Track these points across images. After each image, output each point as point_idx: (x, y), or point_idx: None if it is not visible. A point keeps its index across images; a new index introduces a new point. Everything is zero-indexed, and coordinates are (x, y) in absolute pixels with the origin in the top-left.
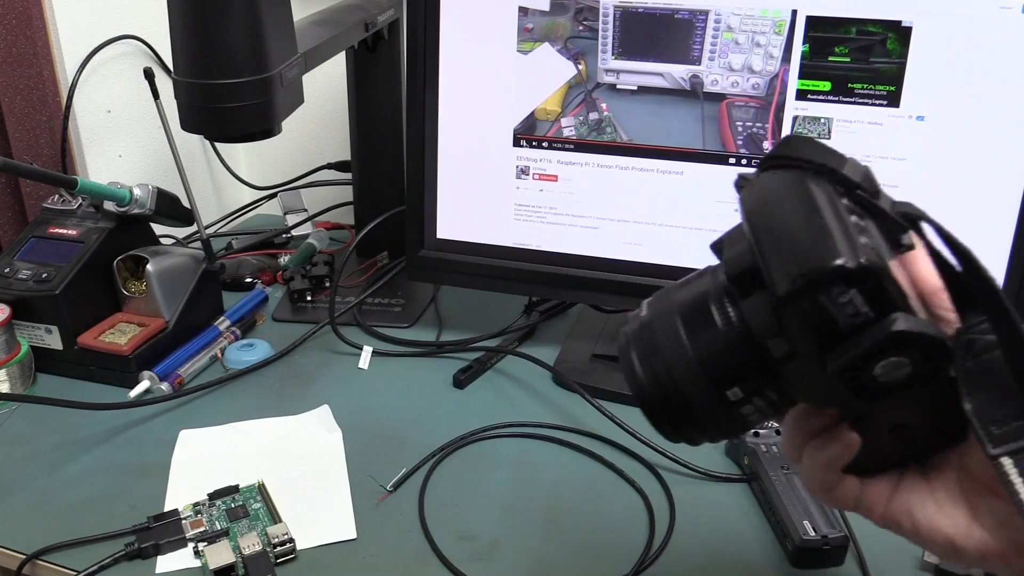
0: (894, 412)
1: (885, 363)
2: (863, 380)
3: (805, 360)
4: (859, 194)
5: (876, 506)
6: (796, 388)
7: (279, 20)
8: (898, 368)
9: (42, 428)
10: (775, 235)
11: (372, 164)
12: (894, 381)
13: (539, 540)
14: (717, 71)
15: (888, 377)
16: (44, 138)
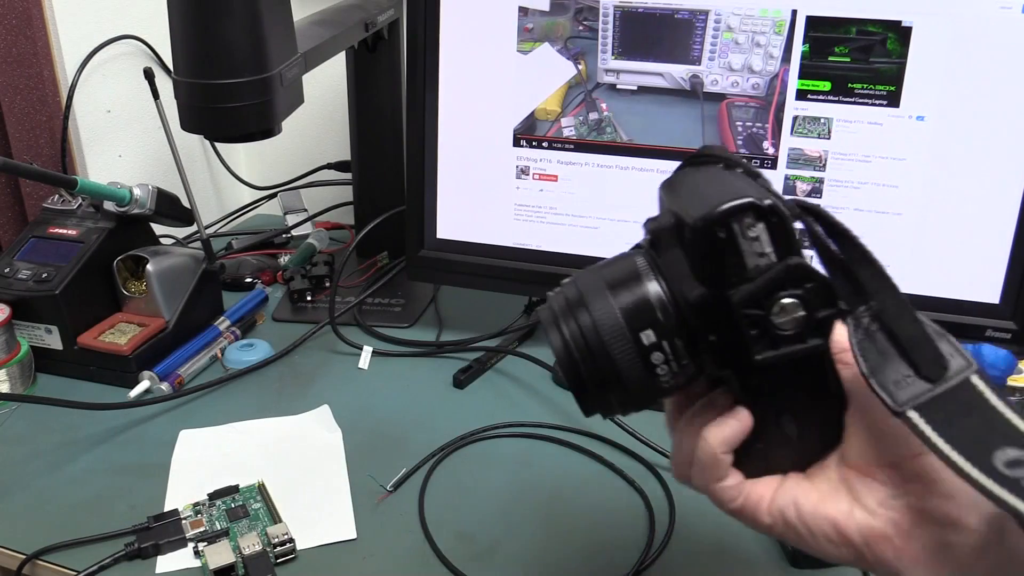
0: (781, 397)
1: (782, 303)
2: (762, 324)
3: (712, 302)
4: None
5: (762, 501)
6: (703, 340)
7: (279, 20)
8: (795, 311)
9: (42, 428)
10: (696, 191)
11: (372, 164)
12: (788, 331)
13: (539, 540)
14: (717, 71)
15: (783, 320)
16: (44, 138)
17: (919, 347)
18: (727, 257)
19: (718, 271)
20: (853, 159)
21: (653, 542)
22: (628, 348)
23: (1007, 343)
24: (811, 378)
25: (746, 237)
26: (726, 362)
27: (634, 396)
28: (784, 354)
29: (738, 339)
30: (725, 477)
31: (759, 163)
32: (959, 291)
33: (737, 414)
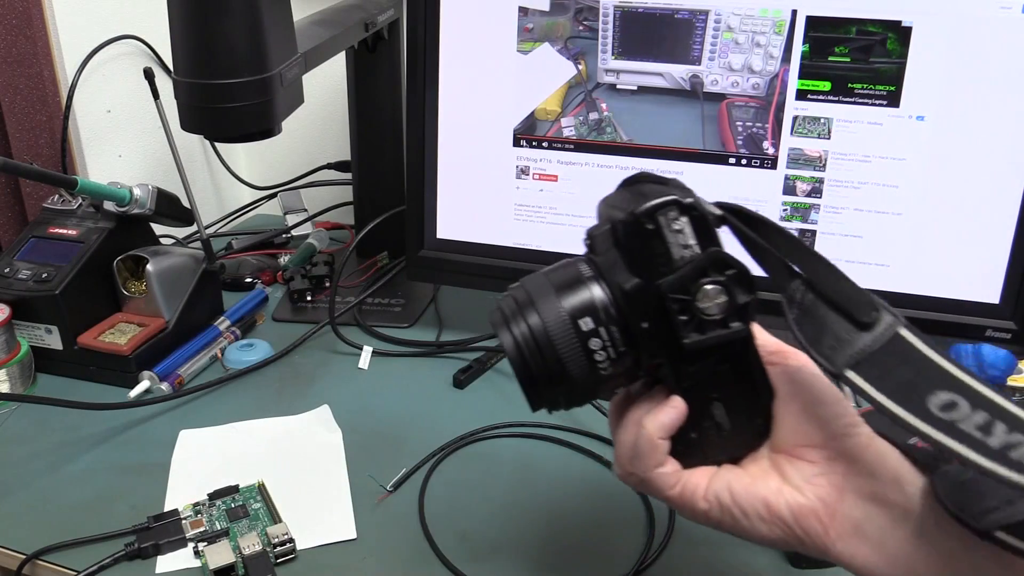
0: (711, 386)
1: (705, 289)
2: (689, 310)
3: (644, 291)
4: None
5: (698, 488)
6: (637, 328)
7: (279, 20)
8: (716, 298)
9: (42, 428)
10: (628, 199)
11: (372, 164)
12: (712, 315)
13: (539, 540)
14: (717, 71)
15: (707, 305)
16: (44, 138)
17: (851, 298)
18: (655, 249)
19: (648, 262)
20: (853, 159)
21: (653, 542)
22: (572, 340)
23: (1007, 343)
24: (738, 369)
25: (671, 230)
26: (659, 349)
27: (578, 387)
28: (710, 338)
29: (668, 325)
30: (663, 463)
31: (759, 163)
32: (959, 291)
33: (672, 402)
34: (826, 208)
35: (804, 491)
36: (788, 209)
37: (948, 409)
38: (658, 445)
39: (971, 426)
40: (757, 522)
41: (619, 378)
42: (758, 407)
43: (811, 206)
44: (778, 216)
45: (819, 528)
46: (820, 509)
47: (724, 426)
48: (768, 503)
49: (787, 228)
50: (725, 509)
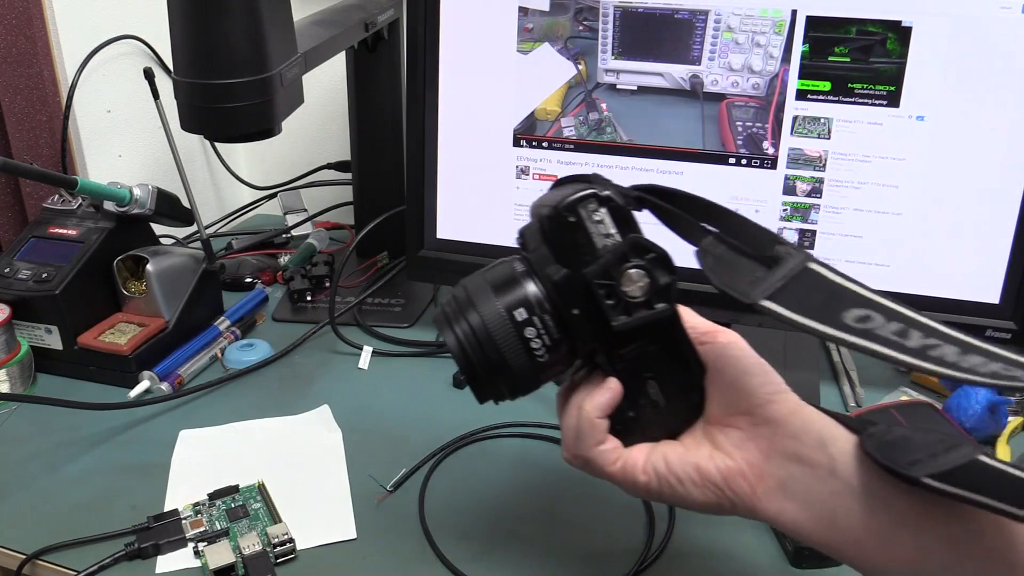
0: (644, 365)
1: (628, 273)
2: (615, 294)
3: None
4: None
5: (638, 462)
6: (569, 316)
7: (279, 20)
8: (638, 280)
9: (42, 428)
10: (552, 195)
11: (372, 164)
12: (636, 297)
13: (539, 540)
14: (717, 71)
15: (631, 288)
16: (44, 138)
17: (756, 240)
18: (578, 239)
19: (574, 253)
20: (853, 159)
21: (653, 542)
22: (509, 332)
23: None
24: (668, 348)
25: (592, 221)
26: (592, 334)
27: (519, 377)
28: (637, 319)
29: (597, 310)
30: (604, 441)
31: (759, 163)
32: (959, 291)
33: (608, 383)
34: (826, 208)
35: (733, 455)
36: (788, 209)
37: (864, 321)
38: (597, 424)
39: (888, 332)
40: (691, 487)
41: (557, 365)
42: (691, 383)
43: (811, 206)
44: (778, 216)
45: (747, 488)
46: (747, 470)
47: (660, 403)
48: (699, 468)
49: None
50: (662, 478)
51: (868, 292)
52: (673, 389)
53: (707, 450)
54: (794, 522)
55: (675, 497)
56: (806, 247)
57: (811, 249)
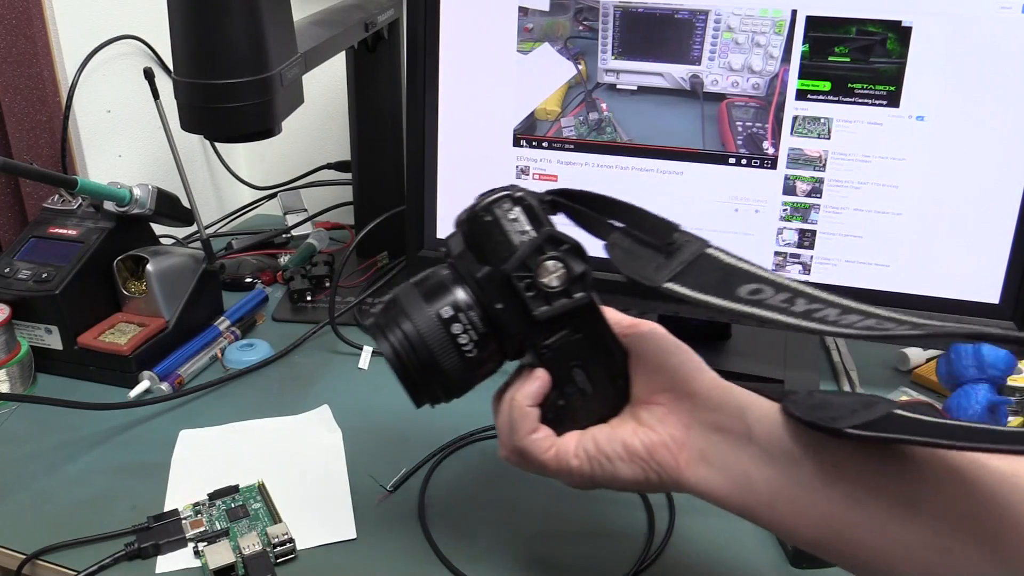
0: (569, 354)
1: (545, 265)
2: (534, 283)
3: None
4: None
5: (569, 447)
6: (493, 311)
7: (279, 20)
8: (555, 270)
9: (42, 428)
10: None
11: (372, 164)
12: (555, 287)
13: (539, 540)
14: (717, 71)
15: (548, 278)
16: (44, 138)
17: (659, 230)
18: (496, 238)
19: (493, 251)
20: (853, 159)
21: (653, 542)
22: (439, 333)
23: (1007, 343)
24: (591, 335)
25: (507, 219)
26: (516, 326)
27: (452, 376)
28: (557, 307)
29: (519, 302)
30: (536, 429)
31: (759, 163)
32: (959, 291)
33: (535, 373)
34: (826, 208)
35: (656, 429)
36: (788, 209)
37: (755, 294)
38: (528, 413)
39: (776, 301)
40: (619, 464)
41: (487, 363)
42: (616, 368)
43: (811, 206)
44: (778, 216)
45: (671, 460)
46: (670, 443)
47: (587, 391)
48: (626, 443)
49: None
50: (593, 459)
51: (759, 270)
52: (599, 376)
53: (632, 426)
54: (713, 489)
55: (606, 477)
56: (806, 247)
57: (811, 249)
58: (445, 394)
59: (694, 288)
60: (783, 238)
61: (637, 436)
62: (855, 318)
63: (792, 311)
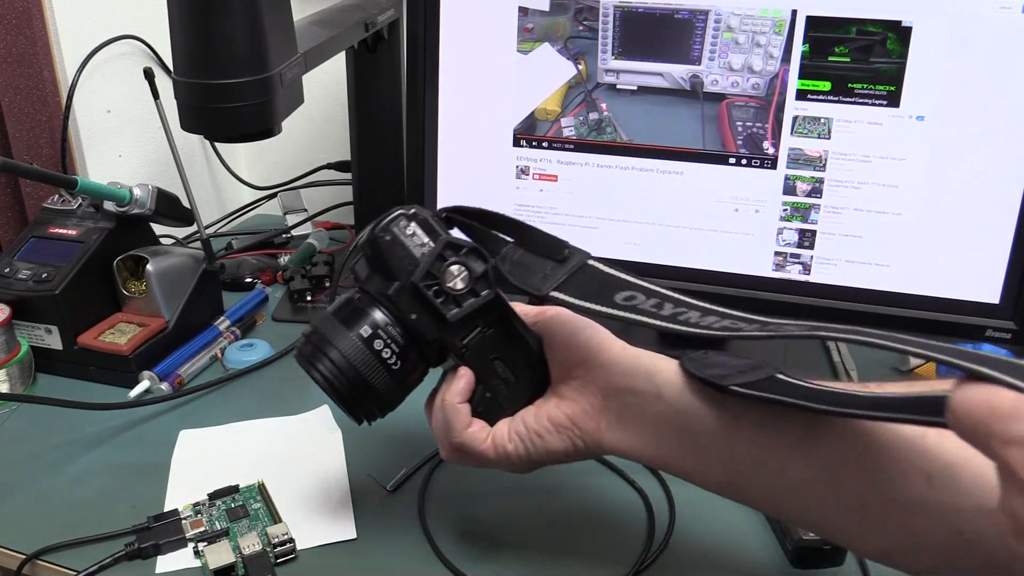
0: (487, 348)
1: (448, 270)
2: (441, 289)
3: (403, 289)
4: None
5: (504, 434)
6: (409, 321)
7: (279, 20)
8: (459, 274)
9: (42, 428)
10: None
11: (372, 164)
12: (461, 289)
13: (539, 540)
14: (717, 71)
15: (456, 283)
16: (44, 138)
17: (548, 244)
18: (398, 254)
19: (398, 267)
20: (853, 159)
21: (653, 542)
22: (364, 353)
23: (1007, 343)
24: (503, 328)
25: (406, 235)
26: (433, 333)
27: (383, 391)
28: (466, 307)
29: (432, 309)
30: (471, 423)
31: (759, 163)
32: (959, 291)
33: (460, 371)
34: (826, 208)
35: (576, 399)
36: (788, 209)
37: (629, 300)
38: (460, 410)
39: (647, 306)
40: (549, 437)
41: (413, 373)
42: (532, 355)
43: (811, 206)
44: (778, 216)
45: (592, 425)
46: (590, 409)
47: (510, 380)
48: (551, 417)
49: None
50: (525, 439)
51: (633, 279)
52: (519, 365)
53: (554, 402)
54: (630, 447)
55: (540, 453)
56: (806, 247)
57: (811, 249)
58: (379, 409)
59: (576, 296)
60: (783, 238)
61: (560, 409)
62: (713, 319)
63: (660, 315)
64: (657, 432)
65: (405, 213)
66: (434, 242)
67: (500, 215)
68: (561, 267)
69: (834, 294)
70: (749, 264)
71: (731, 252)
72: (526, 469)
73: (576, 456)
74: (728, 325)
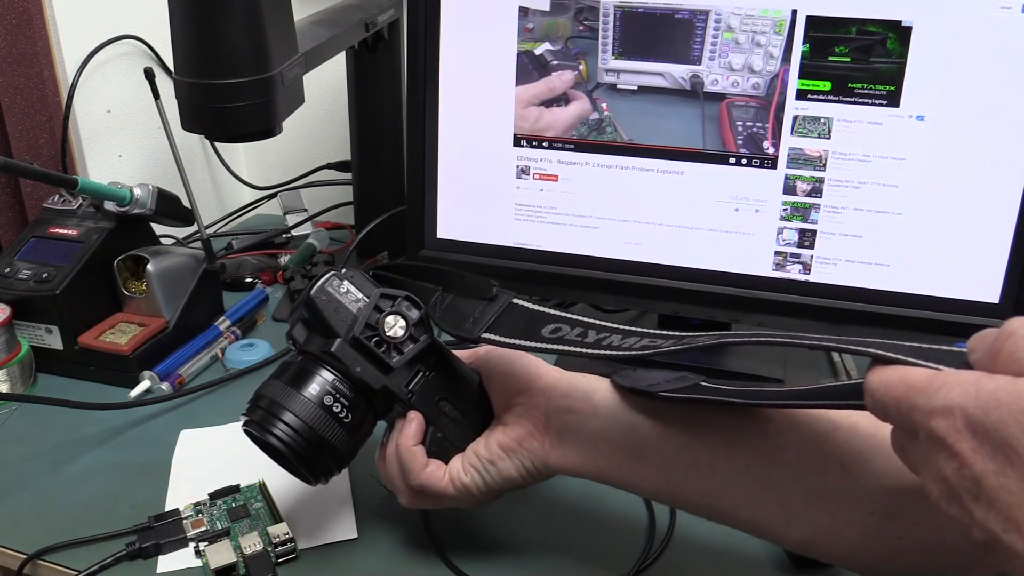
0: (431, 390)
1: (386, 320)
2: (382, 340)
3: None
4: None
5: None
6: (354, 375)
7: (279, 20)
8: (395, 323)
9: (42, 428)
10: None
11: (372, 164)
12: (400, 336)
13: (539, 540)
14: (717, 71)
15: (395, 331)
16: (44, 138)
17: (475, 286)
18: (336, 311)
19: (337, 324)
20: (853, 159)
21: (653, 542)
22: (316, 411)
23: None
24: (444, 370)
25: (340, 294)
26: (378, 381)
27: (339, 446)
28: (409, 353)
29: (375, 359)
30: (427, 463)
31: (759, 163)
32: (959, 291)
33: (409, 416)
34: (826, 208)
35: (520, 424)
36: (788, 209)
37: (555, 332)
38: (415, 452)
39: (572, 336)
40: (501, 463)
41: (364, 424)
42: (474, 391)
43: (811, 206)
44: (778, 216)
45: (537, 446)
46: (533, 430)
47: (458, 417)
48: (500, 442)
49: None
50: (480, 469)
51: (557, 312)
52: (464, 402)
53: (500, 429)
54: (572, 463)
55: (496, 480)
56: (806, 247)
57: (811, 249)
58: (336, 465)
59: (507, 335)
60: (783, 238)
61: (506, 435)
62: (633, 340)
63: (585, 343)
64: (595, 446)
65: (337, 274)
66: (368, 296)
67: (424, 266)
68: (491, 306)
69: (834, 294)
70: (749, 264)
71: (731, 252)
72: (485, 500)
73: (529, 479)
74: (647, 343)
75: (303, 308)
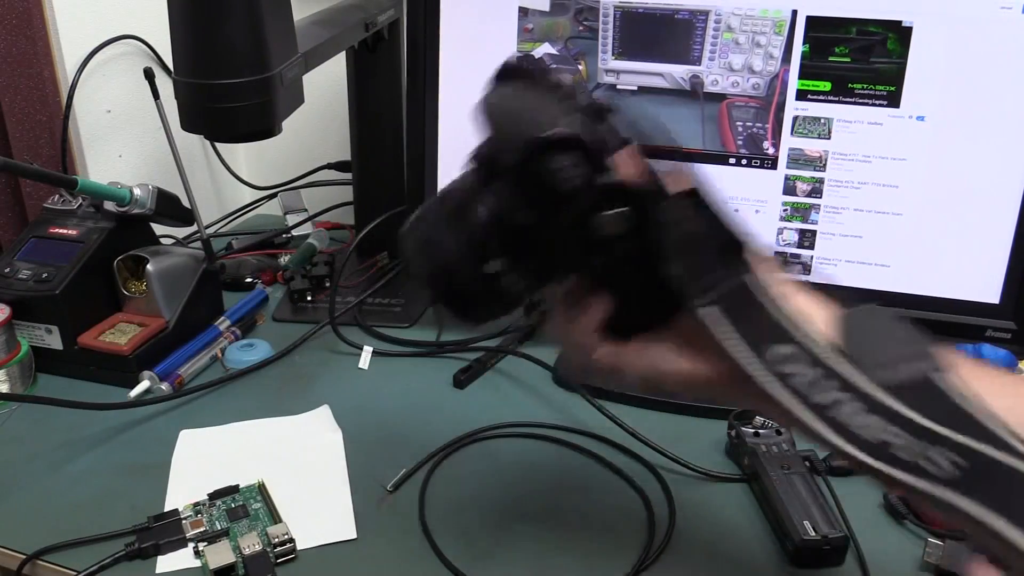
0: (626, 270)
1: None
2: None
3: (550, 221)
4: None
5: (633, 362)
6: (540, 253)
7: (279, 20)
8: (616, 219)
9: (42, 428)
10: (507, 126)
11: (372, 164)
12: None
13: (539, 540)
14: (717, 71)
15: (612, 227)
16: (44, 138)
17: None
18: (546, 182)
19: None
20: (853, 159)
21: (653, 542)
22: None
23: (1007, 343)
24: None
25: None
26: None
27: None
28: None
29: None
30: (598, 347)
31: (759, 163)
32: (959, 291)
33: (596, 297)
34: (826, 208)
35: (708, 365)
36: (788, 209)
37: (780, 362)
38: (591, 341)
39: (799, 383)
40: (675, 386)
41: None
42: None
43: (811, 206)
44: (778, 216)
45: (724, 394)
46: (727, 377)
47: (641, 308)
48: (684, 377)
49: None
50: (652, 380)
51: (805, 330)
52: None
53: (688, 361)
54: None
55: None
56: (806, 247)
57: (811, 250)
58: (473, 304)
59: (729, 320)
60: (783, 238)
61: (695, 371)
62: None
63: (810, 400)
64: None
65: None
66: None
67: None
68: (728, 269)
69: None
70: None
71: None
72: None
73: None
74: (890, 439)
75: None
